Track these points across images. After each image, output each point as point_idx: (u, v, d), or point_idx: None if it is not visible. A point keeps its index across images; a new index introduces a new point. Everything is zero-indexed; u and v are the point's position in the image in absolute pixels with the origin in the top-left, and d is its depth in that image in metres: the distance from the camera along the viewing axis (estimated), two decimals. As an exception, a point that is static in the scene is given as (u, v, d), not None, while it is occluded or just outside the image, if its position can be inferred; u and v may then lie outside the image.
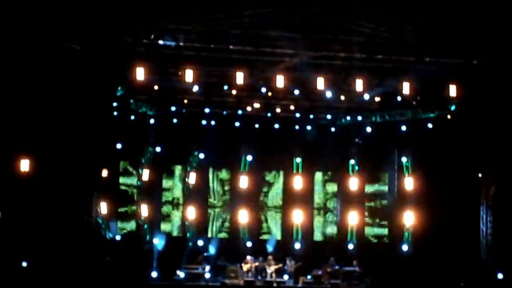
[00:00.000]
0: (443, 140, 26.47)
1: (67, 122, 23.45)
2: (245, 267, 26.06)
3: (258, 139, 28.17)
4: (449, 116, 26.49)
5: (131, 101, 26.52)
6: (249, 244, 27.88)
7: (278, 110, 28.04)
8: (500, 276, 25.24)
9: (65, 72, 22.86)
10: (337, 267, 26.38)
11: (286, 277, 26.14)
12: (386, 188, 29.54)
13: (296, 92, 25.72)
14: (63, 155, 23.58)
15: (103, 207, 25.63)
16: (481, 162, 26.20)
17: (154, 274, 25.37)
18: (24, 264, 23.32)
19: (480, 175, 26.46)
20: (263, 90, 25.61)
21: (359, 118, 28.19)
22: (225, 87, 25.56)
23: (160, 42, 22.73)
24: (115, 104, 25.60)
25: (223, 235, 29.40)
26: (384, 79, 24.91)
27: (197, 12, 22.47)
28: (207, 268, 25.98)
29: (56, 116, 23.23)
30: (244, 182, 28.23)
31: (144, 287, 24.55)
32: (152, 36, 22.59)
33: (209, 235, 29.05)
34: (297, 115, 28.26)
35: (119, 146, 26.47)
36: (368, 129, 28.18)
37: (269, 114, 28.17)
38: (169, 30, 22.73)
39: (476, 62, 23.77)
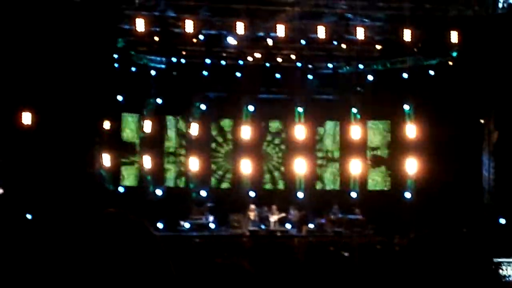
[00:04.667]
0: (445, 87, 26.37)
1: (68, 74, 23.38)
2: (251, 216, 26.23)
3: (260, 89, 28.20)
4: (451, 63, 26.38)
5: (132, 52, 26.42)
6: (252, 194, 27.96)
7: (279, 59, 27.88)
8: (502, 221, 25.40)
9: (65, 25, 22.74)
10: (340, 216, 26.58)
11: (289, 226, 26.32)
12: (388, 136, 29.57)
13: (301, 42, 25.52)
14: (64, 108, 23.55)
15: (106, 159, 25.70)
16: (483, 108, 26.16)
17: (159, 225, 25.56)
18: (29, 216, 23.45)
19: (482, 121, 26.44)
20: (265, 40, 25.49)
21: (361, 66, 28.10)
22: (226, 38, 25.44)
23: None
24: (115, 56, 25.52)
25: (226, 185, 29.49)
26: (385, 26, 24.78)
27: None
28: (211, 218, 26.18)
29: (57, 69, 23.13)
30: (246, 132, 28.27)
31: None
32: None
33: (212, 185, 29.12)
34: (299, 64, 28.12)
35: (120, 98, 26.47)
36: (370, 78, 28.14)
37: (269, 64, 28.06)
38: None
39: (478, 8, 23.73)
